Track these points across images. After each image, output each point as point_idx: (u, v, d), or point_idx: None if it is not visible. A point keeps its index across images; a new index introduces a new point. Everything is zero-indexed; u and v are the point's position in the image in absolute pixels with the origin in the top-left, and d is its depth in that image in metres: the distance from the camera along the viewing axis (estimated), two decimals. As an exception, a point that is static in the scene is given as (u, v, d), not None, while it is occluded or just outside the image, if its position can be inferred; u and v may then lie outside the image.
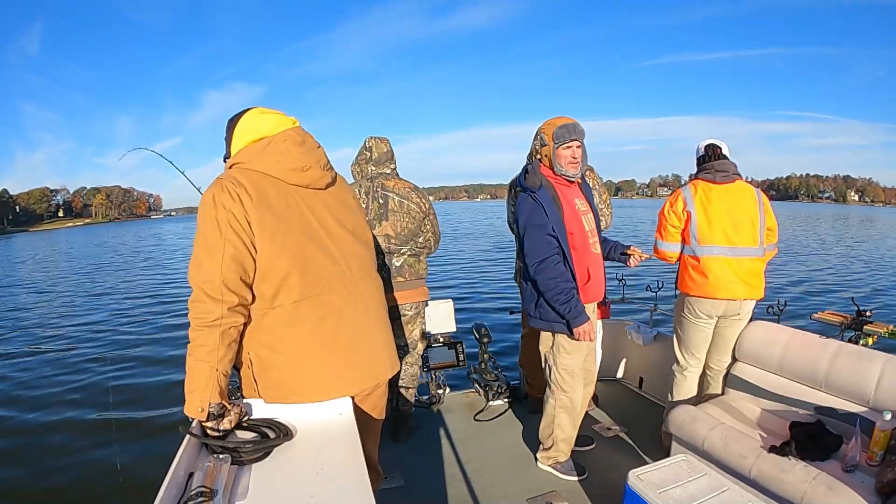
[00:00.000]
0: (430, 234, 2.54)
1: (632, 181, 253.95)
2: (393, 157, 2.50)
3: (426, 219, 2.49)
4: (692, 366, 2.44)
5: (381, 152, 2.46)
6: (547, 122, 2.11)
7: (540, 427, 2.35)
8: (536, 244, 2.02)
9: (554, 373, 2.20)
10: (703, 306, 2.29)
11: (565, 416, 2.23)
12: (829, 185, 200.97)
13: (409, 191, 2.44)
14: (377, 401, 1.47)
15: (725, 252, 2.23)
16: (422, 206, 2.46)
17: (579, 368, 2.20)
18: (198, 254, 1.17)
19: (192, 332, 1.15)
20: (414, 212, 2.43)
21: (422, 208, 2.46)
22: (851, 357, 1.95)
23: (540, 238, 2.01)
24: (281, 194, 1.25)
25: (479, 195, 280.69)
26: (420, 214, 2.45)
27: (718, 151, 2.31)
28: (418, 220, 2.45)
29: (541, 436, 2.35)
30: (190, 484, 0.96)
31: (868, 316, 2.36)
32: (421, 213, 2.45)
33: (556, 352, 2.17)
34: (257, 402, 1.25)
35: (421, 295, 2.53)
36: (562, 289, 1.99)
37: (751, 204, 2.27)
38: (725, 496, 1.54)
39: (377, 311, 1.43)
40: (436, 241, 2.61)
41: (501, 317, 6.57)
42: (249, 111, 1.34)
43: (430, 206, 2.51)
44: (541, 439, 2.35)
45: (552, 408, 2.25)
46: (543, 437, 2.33)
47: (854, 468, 1.68)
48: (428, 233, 2.53)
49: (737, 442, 1.91)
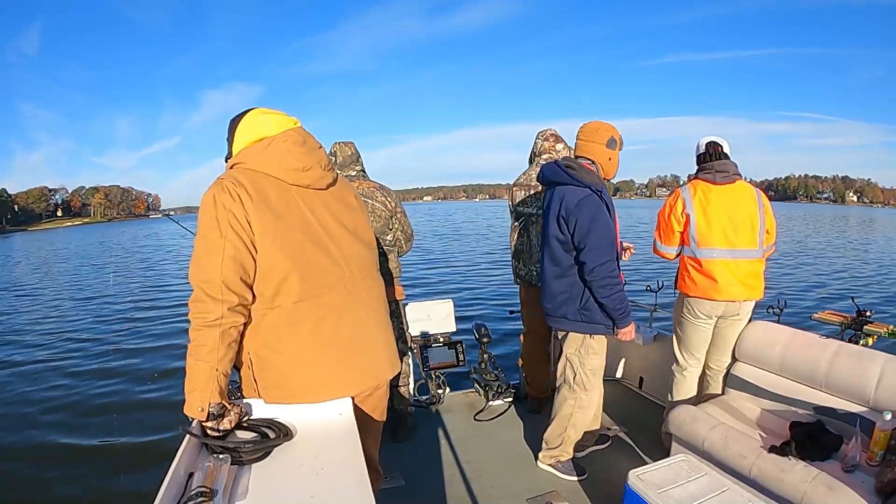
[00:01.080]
0: (398, 233, 2.55)
1: (630, 181, 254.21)
2: (359, 159, 2.53)
3: (393, 217, 2.50)
4: (692, 366, 2.44)
5: (345, 156, 2.49)
6: (597, 125, 2.11)
7: (550, 426, 2.32)
8: (603, 244, 1.98)
9: (579, 373, 2.19)
10: (703, 307, 2.29)
11: (582, 416, 2.24)
12: (827, 185, 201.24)
13: (373, 190, 2.46)
14: (377, 401, 1.47)
15: (725, 254, 2.23)
16: (387, 205, 2.47)
17: (602, 368, 2.23)
18: (198, 253, 1.17)
19: (192, 332, 1.15)
20: (379, 210, 2.44)
21: (387, 206, 2.47)
22: (851, 357, 1.95)
23: (607, 238, 1.99)
24: (281, 194, 1.25)
25: (478, 195, 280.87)
26: (386, 213, 2.46)
27: (720, 150, 2.28)
28: (384, 218, 2.46)
29: (549, 435, 2.32)
30: (190, 484, 0.95)
31: (868, 316, 2.36)
32: (387, 211, 2.47)
33: (584, 353, 2.16)
34: (257, 402, 1.25)
35: (393, 294, 2.52)
36: (620, 288, 2.02)
37: (751, 205, 2.25)
38: (725, 496, 1.54)
39: (377, 312, 1.43)
40: (407, 240, 2.61)
41: (501, 317, 6.57)
42: (251, 111, 1.33)
43: (396, 205, 2.52)
44: (547, 439, 2.33)
45: (570, 407, 2.23)
46: (553, 436, 2.30)
47: (854, 468, 1.68)
48: (396, 231, 2.54)
49: (737, 442, 1.91)
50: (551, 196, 2.11)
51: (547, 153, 2.66)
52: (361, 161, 2.55)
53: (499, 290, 9.10)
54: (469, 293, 8.97)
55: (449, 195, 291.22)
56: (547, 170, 2.12)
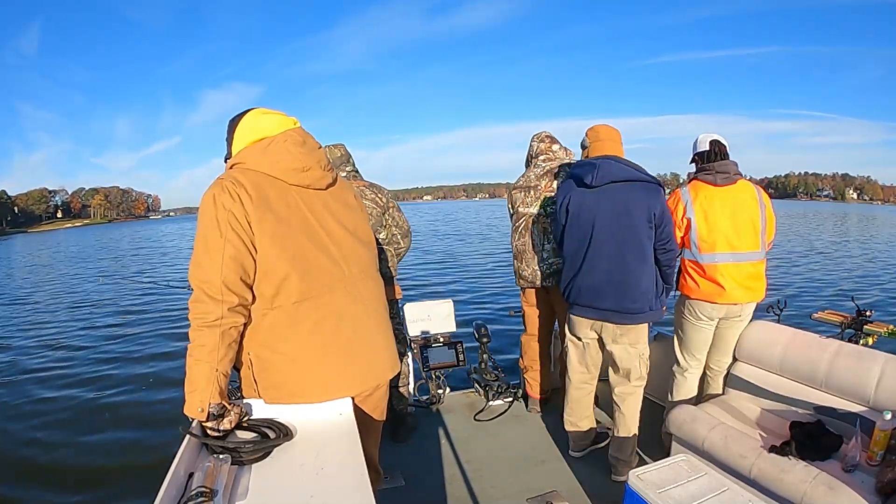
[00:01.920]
0: (393, 229, 2.53)
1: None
2: (349, 160, 2.52)
3: (386, 213, 2.49)
4: (693, 367, 2.43)
5: (334, 157, 2.48)
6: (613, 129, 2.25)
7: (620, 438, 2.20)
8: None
9: (646, 364, 2.20)
10: (705, 309, 2.28)
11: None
12: (827, 183, 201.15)
13: (363, 188, 2.46)
14: (377, 402, 1.47)
15: (727, 258, 2.20)
16: (378, 201, 2.46)
17: None
18: (198, 254, 1.17)
19: (192, 333, 1.15)
20: (370, 207, 2.43)
21: (378, 203, 2.46)
22: (851, 357, 1.95)
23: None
24: (281, 195, 1.25)
25: (478, 194, 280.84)
26: (378, 210, 2.45)
27: (724, 149, 2.23)
28: (376, 215, 2.44)
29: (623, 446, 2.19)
30: (190, 484, 0.96)
31: (868, 316, 2.36)
32: (378, 207, 2.45)
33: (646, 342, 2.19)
34: (257, 402, 1.25)
35: (392, 293, 2.51)
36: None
37: (752, 205, 2.22)
38: (725, 496, 1.53)
39: (377, 312, 1.43)
40: (403, 235, 2.59)
41: (501, 317, 6.57)
42: (251, 111, 1.33)
43: (388, 200, 2.50)
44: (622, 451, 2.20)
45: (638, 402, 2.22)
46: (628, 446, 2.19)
47: (854, 468, 1.68)
48: (391, 227, 2.52)
49: (737, 442, 1.91)
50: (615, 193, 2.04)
51: (544, 154, 2.66)
52: (353, 162, 2.54)
53: (499, 290, 9.09)
54: (469, 293, 8.96)
55: (449, 195, 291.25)
56: (616, 168, 2.05)
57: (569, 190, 2.14)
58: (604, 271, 2.07)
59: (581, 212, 2.09)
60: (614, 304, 2.08)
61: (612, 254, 2.05)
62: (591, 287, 2.11)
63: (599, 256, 2.07)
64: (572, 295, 2.19)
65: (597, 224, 2.06)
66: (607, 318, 2.12)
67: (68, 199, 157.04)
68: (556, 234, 2.27)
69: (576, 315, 2.22)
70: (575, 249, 2.14)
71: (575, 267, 2.15)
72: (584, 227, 2.09)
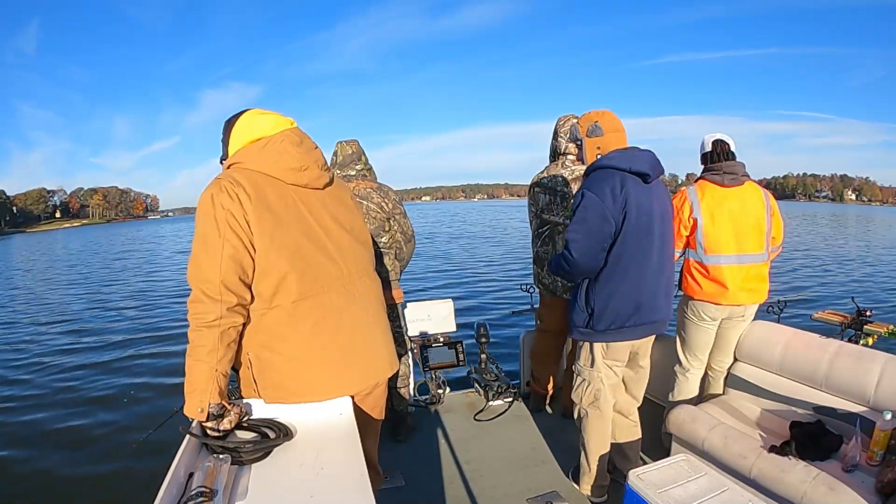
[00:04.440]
0: (396, 234, 2.47)
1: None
2: (360, 158, 2.46)
3: (390, 219, 2.43)
4: (695, 367, 2.42)
5: (345, 154, 2.44)
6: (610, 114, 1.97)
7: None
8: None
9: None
10: (708, 310, 2.27)
11: None
12: (826, 184, 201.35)
13: (370, 191, 2.40)
14: (377, 400, 1.47)
15: (732, 260, 2.18)
16: (384, 207, 2.40)
17: None
18: (197, 254, 1.17)
19: (191, 333, 1.15)
20: (374, 212, 2.38)
21: (383, 209, 2.40)
22: (851, 357, 1.95)
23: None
24: (279, 194, 1.25)
25: (476, 195, 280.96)
26: (382, 215, 2.40)
27: (727, 149, 2.21)
28: (379, 220, 2.39)
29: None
30: (190, 484, 0.95)
31: (868, 316, 2.36)
32: (383, 213, 2.40)
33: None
34: (257, 402, 1.25)
35: (391, 296, 2.46)
36: None
37: (758, 208, 2.21)
38: (725, 496, 1.53)
39: (376, 311, 1.43)
40: (406, 241, 2.54)
41: (501, 317, 6.57)
42: (247, 112, 1.33)
43: (394, 207, 2.44)
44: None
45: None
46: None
47: (854, 468, 1.68)
48: (395, 233, 2.46)
49: (737, 442, 1.91)
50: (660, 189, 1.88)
51: (573, 155, 2.43)
52: (365, 159, 2.48)
53: (499, 290, 9.09)
54: (469, 293, 8.95)
55: (447, 195, 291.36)
56: (654, 161, 1.84)
57: (622, 184, 1.76)
58: (656, 279, 1.86)
59: (640, 213, 1.78)
60: (665, 314, 1.91)
61: (660, 259, 1.86)
62: (642, 300, 1.84)
63: (651, 262, 1.83)
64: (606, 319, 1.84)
65: (654, 226, 1.82)
66: (656, 331, 1.94)
67: (67, 198, 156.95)
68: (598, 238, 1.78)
69: (617, 341, 1.90)
70: (629, 257, 1.80)
71: (623, 279, 1.81)
72: (643, 229, 1.79)
